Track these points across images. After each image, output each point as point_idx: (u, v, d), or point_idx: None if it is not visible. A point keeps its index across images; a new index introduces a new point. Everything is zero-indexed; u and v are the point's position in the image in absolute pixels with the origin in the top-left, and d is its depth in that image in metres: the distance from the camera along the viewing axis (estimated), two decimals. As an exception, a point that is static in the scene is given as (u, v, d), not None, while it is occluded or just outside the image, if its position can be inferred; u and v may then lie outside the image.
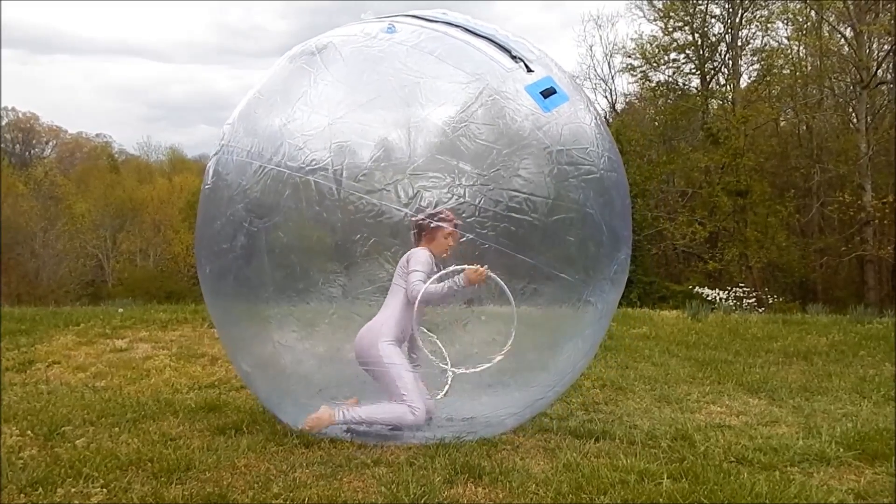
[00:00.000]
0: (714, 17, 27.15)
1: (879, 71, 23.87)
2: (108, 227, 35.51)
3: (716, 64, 27.91)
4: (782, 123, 28.39)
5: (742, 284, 14.89)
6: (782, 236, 24.46)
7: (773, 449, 3.89)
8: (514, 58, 4.02)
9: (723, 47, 27.37)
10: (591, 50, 49.30)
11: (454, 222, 3.83)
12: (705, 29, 27.13)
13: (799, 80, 26.45)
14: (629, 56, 28.47)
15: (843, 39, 24.73)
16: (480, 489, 3.30)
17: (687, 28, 27.35)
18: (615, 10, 54.75)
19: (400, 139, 3.95)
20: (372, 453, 3.73)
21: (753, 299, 13.43)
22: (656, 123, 29.34)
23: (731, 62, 27.23)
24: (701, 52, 27.43)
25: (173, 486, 3.30)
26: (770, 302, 15.07)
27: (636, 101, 31.88)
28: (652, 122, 29.80)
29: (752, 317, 9.95)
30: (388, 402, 3.94)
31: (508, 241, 3.78)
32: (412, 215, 3.81)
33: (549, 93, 3.95)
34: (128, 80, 72.68)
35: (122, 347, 7.15)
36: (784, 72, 26.58)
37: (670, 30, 27.53)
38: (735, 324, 9.17)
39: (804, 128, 26.52)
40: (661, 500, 3.16)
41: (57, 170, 41.59)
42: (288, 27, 68.89)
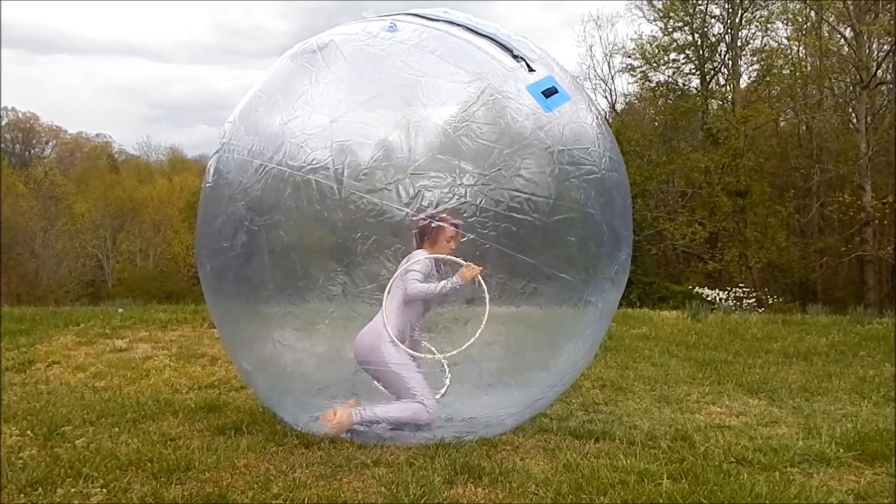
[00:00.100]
0: (714, 17, 27.19)
1: (879, 71, 23.88)
2: (107, 227, 35.51)
3: (716, 64, 27.92)
4: (782, 124, 28.38)
5: (742, 285, 14.90)
6: (782, 236, 24.45)
7: (773, 449, 3.89)
8: (515, 57, 4.01)
9: (722, 47, 27.39)
10: (590, 50, 49.16)
11: (456, 223, 3.82)
12: (705, 29, 27.14)
13: (799, 81, 26.45)
14: (629, 56, 28.54)
15: (842, 39, 24.73)
16: (480, 489, 3.30)
17: (687, 28, 27.36)
18: (615, 11, 54.48)
19: (401, 138, 3.94)
20: (372, 453, 3.73)
21: (753, 300, 13.42)
22: (656, 124, 29.32)
23: (730, 62, 27.24)
24: (701, 52, 27.43)
25: (173, 486, 3.30)
26: (770, 302, 15.05)
27: (636, 101, 31.90)
28: (652, 123, 29.78)
29: (752, 317, 9.94)
30: (401, 401, 3.96)
31: (509, 240, 3.77)
32: (413, 215, 3.80)
33: (550, 92, 3.95)
34: (128, 80, 72.81)
35: (121, 347, 7.14)
36: (784, 72, 26.57)
37: (670, 30, 27.55)
38: (735, 324, 9.16)
39: (804, 128, 26.51)
40: (660, 500, 3.16)
41: (57, 170, 41.55)
42: (288, 27, 68.92)
